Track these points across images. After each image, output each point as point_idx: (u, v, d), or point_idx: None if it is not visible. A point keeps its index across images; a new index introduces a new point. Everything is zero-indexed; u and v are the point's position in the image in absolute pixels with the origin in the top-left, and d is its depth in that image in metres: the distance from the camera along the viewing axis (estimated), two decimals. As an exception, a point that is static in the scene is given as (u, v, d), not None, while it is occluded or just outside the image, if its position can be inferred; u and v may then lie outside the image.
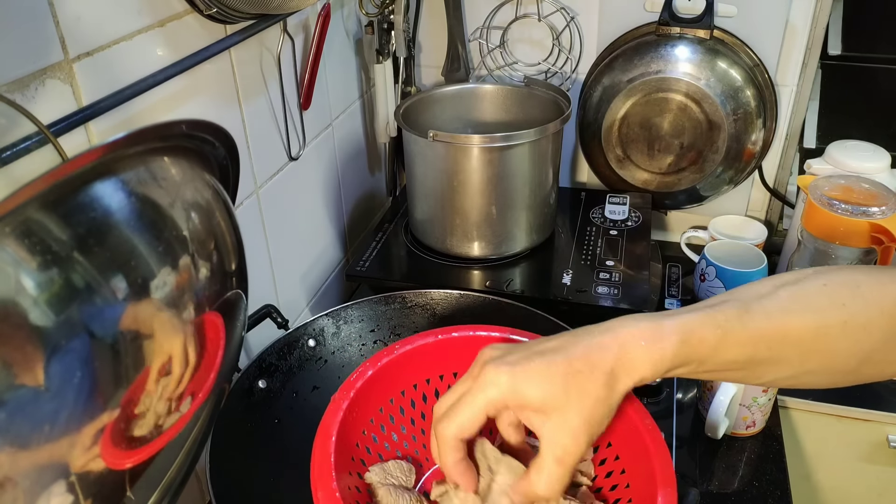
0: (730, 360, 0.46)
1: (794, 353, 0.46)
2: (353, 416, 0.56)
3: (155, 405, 0.39)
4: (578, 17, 1.07)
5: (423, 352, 0.60)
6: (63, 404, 0.32)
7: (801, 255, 0.90)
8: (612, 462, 0.56)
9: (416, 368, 0.60)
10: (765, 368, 0.47)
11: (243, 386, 0.71)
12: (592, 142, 1.09)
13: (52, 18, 0.49)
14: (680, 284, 1.06)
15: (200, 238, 0.41)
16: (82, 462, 0.34)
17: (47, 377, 0.31)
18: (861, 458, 0.91)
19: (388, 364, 0.59)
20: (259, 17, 0.70)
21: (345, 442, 0.54)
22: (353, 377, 0.57)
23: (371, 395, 0.58)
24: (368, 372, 0.58)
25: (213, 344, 0.44)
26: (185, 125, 0.40)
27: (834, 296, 0.46)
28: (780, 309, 0.46)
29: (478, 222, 0.94)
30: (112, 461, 0.37)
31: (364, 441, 0.58)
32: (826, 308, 0.46)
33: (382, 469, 0.57)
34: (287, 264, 0.90)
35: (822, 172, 0.93)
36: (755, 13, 1.00)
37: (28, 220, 0.31)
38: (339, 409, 0.54)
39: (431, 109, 1.02)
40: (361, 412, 0.57)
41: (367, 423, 0.58)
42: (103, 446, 0.35)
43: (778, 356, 0.46)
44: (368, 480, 0.56)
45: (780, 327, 0.45)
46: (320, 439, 0.52)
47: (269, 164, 0.82)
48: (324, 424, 0.53)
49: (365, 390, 0.57)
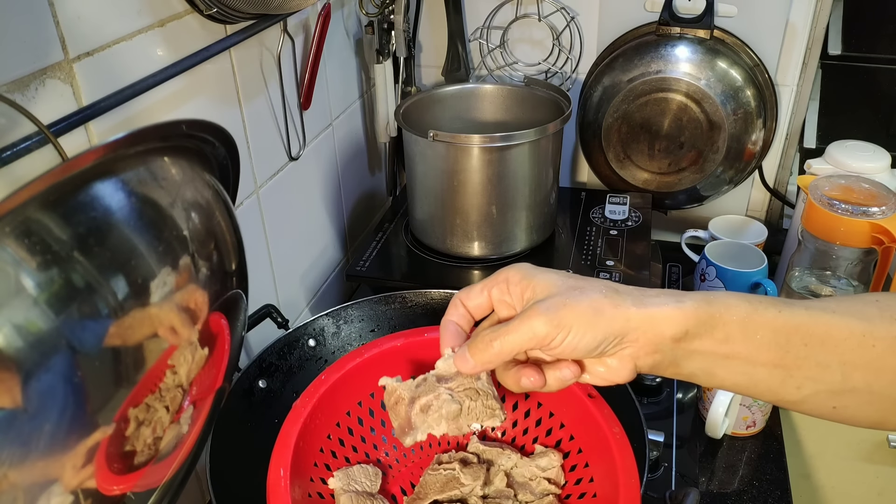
0: (759, 345, 0.42)
1: (834, 359, 0.42)
2: (316, 422, 0.56)
3: (160, 412, 0.39)
4: (578, 17, 1.07)
5: (390, 354, 0.61)
6: (57, 418, 0.32)
7: (801, 255, 0.90)
8: (582, 469, 0.57)
9: (383, 371, 0.60)
10: (803, 373, 0.42)
11: (243, 386, 0.71)
12: (592, 142, 1.09)
13: (52, 18, 0.49)
14: (680, 284, 1.06)
15: (200, 238, 0.41)
16: (78, 481, 0.34)
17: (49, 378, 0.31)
18: (861, 458, 0.91)
19: (355, 368, 0.60)
20: (259, 17, 0.70)
21: (307, 449, 0.55)
22: (315, 384, 0.58)
23: (337, 400, 0.59)
24: (332, 378, 0.58)
25: (220, 344, 0.44)
26: (186, 125, 0.40)
27: (886, 309, 0.43)
28: (824, 309, 0.43)
29: (478, 222, 0.94)
30: (111, 481, 0.37)
31: (330, 445, 0.58)
32: (875, 318, 0.43)
33: (346, 474, 0.57)
34: (287, 264, 0.90)
35: (822, 172, 0.93)
36: (755, 13, 1.00)
37: (28, 220, 0.30)
38: (299, 418, 0.55)
39: (431, 109, 1.02)
40: (326, 417, 0.58)
41: (332, 427, 0.59)
42: (98, 466, 0.35)
43: (816, 356, 0.42)
44: (331, 486, 0.56)
45: (820, 324, 0.42)
46: (277, 450, 0.52)
47: (269, 164, 0.82)
48: (282, 434, 0.53)
49: (330, 395, 0.58)
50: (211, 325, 0.43)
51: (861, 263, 0.85)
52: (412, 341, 0.61)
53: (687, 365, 0.44)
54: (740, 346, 0.43)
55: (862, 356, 0.42)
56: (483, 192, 0.91)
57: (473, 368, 0.45)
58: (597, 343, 0.42)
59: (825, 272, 0.88)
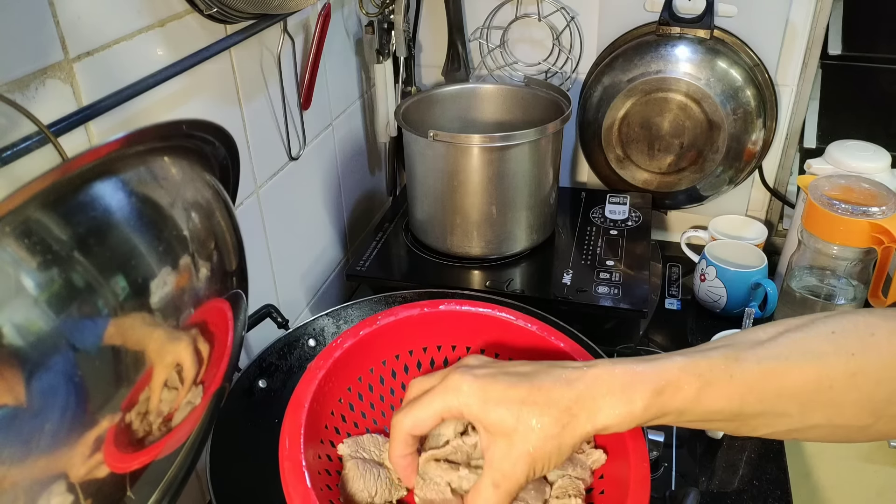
0: (714, 412, 0.43)
1: (792, 406, 0.42)
2: (329, 385, 0.56)
3: (160, 405, 0.39)
4: (578, 17, 1.07)
5: (407, 324, 0.60)
6: (59, 414, 0.32)
7: (801, 255, 0.90)
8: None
9: (398, 340, 0.59)
10: (759, 421, 0.43)
11: (243, 386, 0.71)
12: (592, 142, 1.09)
13: (52, 18, 0.49)
14: (680, 284, 1.06)
15: (201, 238, 0.41)
16: (85, 470, 0.34)
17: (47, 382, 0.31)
18: (861, 458, 0.91)
19: (370, 335, 0.59)
20: (259, 16, 0.70)
21: (319, 411, 0.54)
22: (330, 349, 0.57)
23: (350, 364, 0.58)
24: (348, 342, 0.57)
25: (222, 332, 0.44)
26: (186, 125, 0.40)
27: (842, 344, 0.42)
28: (776, 357, 0.42)
29: (478, 222, 0.94)
30: (116, 465, 0.37)
31: (340, 409, 0.58)
32: (830, 355, 0.42)
33: (356, 442, 0.57)
34: (287, 264, 0.90)
35: (822, 172, 0.93)
36: (755, 13, 1.00)
37: (28, 220, 0.31)
38: (313, 379, 0.54)
39: (431, 109, 1.02)
40: (339, 381, 0.57)
41: (344, 391, 0.58)
42: (106, 451, 0.35)
43: (772, 409, 0.42)
44: (340, 452, 0.56)
45: (773, 378, 0.42)
46: (292, 410, 0.52)
47: (269, 163, 0.82)
48: (297, 394, 0.53)
49: (344, 359, 0.57)
50: (211, 324, 0.43)
51: (861, 263, 0.85)
52: (429, 314, 0.60)
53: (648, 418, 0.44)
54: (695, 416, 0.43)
55: (820, 398, 0.42)
56: (483, 192, 0.91)
57: None
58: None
59: (825, 272, 0.89)
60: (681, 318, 1.00)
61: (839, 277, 0.88)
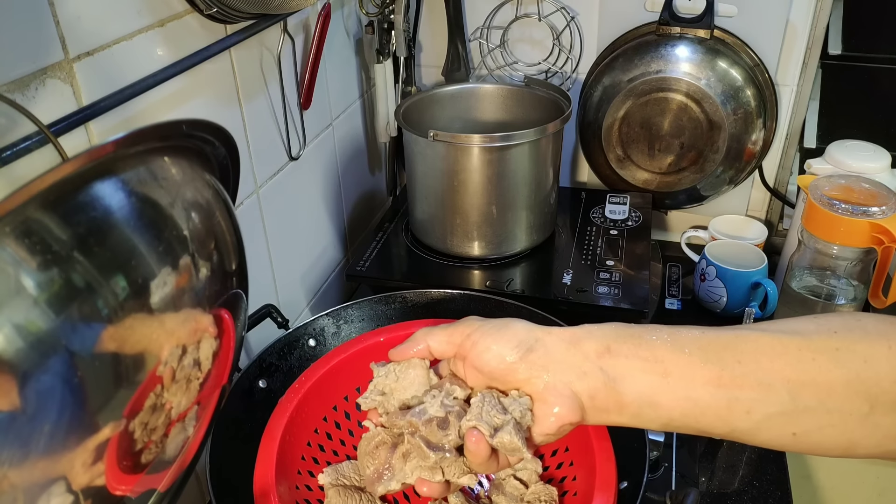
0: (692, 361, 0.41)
1: (776, 377, 0.40)
2: (301, 417, 0.57)
3: (162, 414, 0.39)
4: (578, 17, 1.07)
5: (374, 349, 0.62)
6: (57, 418, 0.32)
7: (801, 255, 0.90)
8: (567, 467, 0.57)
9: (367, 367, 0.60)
10: (747, 393, 0.41)
11: (243, 386, 0.71)
12: (593, 141, 1.09)
13: (52, 18, 0.49)
14: (680, 284, 1.06)
15: (201, 238, 0.41)
16: (88, 479, 0.34)
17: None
18: (861, 459, 0.91)
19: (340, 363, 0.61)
20: (259, 16, 0.70)
21: (293, 442, 0.55)
22: (301, 380, 0.59)
23: (323, 395, 0.59)
24: (317, 374, 0.60)
25: (222, 333, 0.44)
26: (186, 125, 0.40)
27: (823, 322, 0.42)
28: (753, 328, 0.42)
29: (478, 222, 0.94)
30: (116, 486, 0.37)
31: (317, 440, 0.58)
32: (812, 332, 0.41)
33: (335, 469, 0.57)
34: (287, 264, 0.90)
35: (822, 172, 0.93)
36: (755, 13, 1.00)
37: (28, 220, 0.30)
38: (285, 413, 0.55)
39: (431, 109, 1.02)
40: (312, 412, 0.58)
41: (319, 422, 0.59)
42: (108, 465, 0.35)
43: (754, 374, 0.41)
44: (321, 482, 0.56)
45: (749, 340, 0.41)
46: (263, 449, 0.53)
47: (269, 163, 0.82)
48: (268, 431, 0.54)
49: (316, 390, 0.59)
50: (215, 324, 0.43)
51: (861, 263, 0.85)
52: (395, 335, 0.62)
53: (626, 391, 0.43)
54: (672, 364, 0.42)
55: (805, 371, 0.40)
56: (483, 192, 0.91)
57: None
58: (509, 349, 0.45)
59: (825, 272, 0.88)
60: (681, 318, 1.00)
61: (839, 277, 0.88)
